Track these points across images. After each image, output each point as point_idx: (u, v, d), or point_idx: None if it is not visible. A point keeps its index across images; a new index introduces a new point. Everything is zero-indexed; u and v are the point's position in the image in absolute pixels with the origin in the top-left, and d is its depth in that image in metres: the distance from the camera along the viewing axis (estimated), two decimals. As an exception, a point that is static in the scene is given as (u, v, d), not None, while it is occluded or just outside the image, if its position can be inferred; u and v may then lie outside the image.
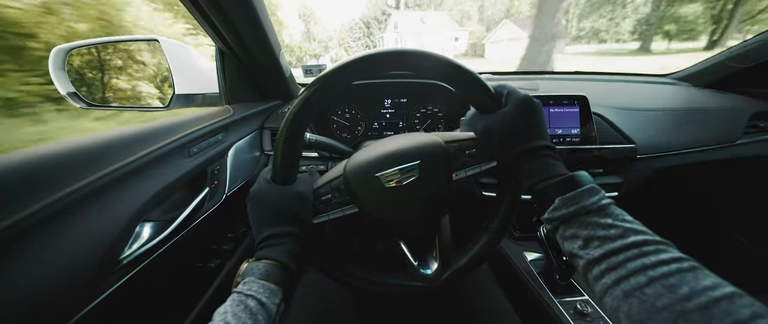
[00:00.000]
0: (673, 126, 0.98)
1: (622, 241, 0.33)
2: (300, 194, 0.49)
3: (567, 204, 0.38)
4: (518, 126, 0.44)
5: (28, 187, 0.39)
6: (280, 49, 0.93)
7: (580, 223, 0.37)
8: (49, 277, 0.39)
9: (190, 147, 0.68)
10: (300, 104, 0.46)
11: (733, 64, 1.08)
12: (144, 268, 0.56)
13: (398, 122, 1.13)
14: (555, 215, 0.39)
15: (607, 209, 0.37)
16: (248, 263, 0.43)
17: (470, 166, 0.50)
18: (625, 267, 0.32)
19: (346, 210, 0.51)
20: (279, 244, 0.45)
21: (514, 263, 0.90)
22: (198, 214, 0.71)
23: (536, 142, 0.44)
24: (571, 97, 0.89)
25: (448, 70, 0.46)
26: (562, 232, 0.40)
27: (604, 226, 0.35)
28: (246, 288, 0.39)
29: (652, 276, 0.29)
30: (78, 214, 0.44)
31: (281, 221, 0.47)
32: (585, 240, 0.36)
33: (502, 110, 0.45)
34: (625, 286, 0.31)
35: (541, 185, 0.42)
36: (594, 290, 0.35)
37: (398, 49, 0.45)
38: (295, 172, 0.51)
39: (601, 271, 0.34)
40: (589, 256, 0.35)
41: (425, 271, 0.55)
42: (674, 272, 0.29)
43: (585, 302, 0.73)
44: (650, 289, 0.29)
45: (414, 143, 0.51)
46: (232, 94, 0.97)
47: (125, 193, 0.51)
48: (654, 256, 0.31)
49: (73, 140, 0.49)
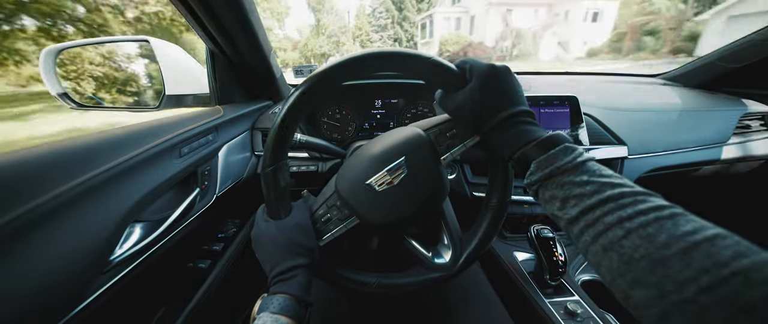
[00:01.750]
0: (663, 126, 0.98)
1: (597, 196, 0.32)
2: (298, 225, 0.49)
3: (542, 166, 0.38)
4: (488, 97, 0.43)
5: (16, 188, 0.39)
6: (270, 49, 0.93)
7: (556, 184, 0.36)
8: (37, 278, 0.39)
9: (181, 147, 0.68)
10: (276, 130, 0.45)
11: (722, 65, 1.09)
12: (134, 268, 0.56)
13: (389, 122, 1.13)
14: (532, 180, 0.39)
15: (583, 167, 0.36)
16: (263, 299, 0.44)
17: (455, 147, 0.50)
18: (601, 221, 0.31)
19: (349, 224, 0.52)
20: (291, 278, 0.45)
21: (504, 263, 0.90)
22: (188, 215, 0.71)
23: (511, 109, 0.42)
24: (562, 98, 0.90)
25: (405, 61, 0.45)
26: (541, 195, 0.39)
27: (580, 183, 0.34)
28: (261, 323, 0.39)
29: (628, 227, 0.29)
30: (67, 215, 0.44)
31: (288, 256, 0.47)
32: (562, 200, 0.35)
33: (469, 85, 0.44)
34: (603, 241, 0.30)
35: (519, 152, 0.41)
36: (578, 249, 0.35)
37: (356, 55, 0.44)
38: (288, 202, 0.51)
39: (581, 228, 0.33)
40: (567, 215, 0.35)
41: (440, 260, 0.55)
42: (651, 221, 0.28)
43: (575, 302, 0.73)
44: (627, 241, 0.28)
45: (394, 141, 0.51)
46: (223, 94, 0.97)
47: (115, 194, 0.51)
48: (631, 207, 0.30)
49: (63, 141, 0.49)
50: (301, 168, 0.97)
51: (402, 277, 0.57)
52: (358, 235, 1.04)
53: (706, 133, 1.00)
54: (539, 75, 1.42)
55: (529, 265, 0.87)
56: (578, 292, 0.77)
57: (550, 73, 1.49)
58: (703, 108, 1.05)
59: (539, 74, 1.43)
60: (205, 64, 0.94)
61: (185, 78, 0.91)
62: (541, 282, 0.80)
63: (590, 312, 0.72)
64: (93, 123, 5.99)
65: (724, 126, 1.01)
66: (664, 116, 1.00)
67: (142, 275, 0.58)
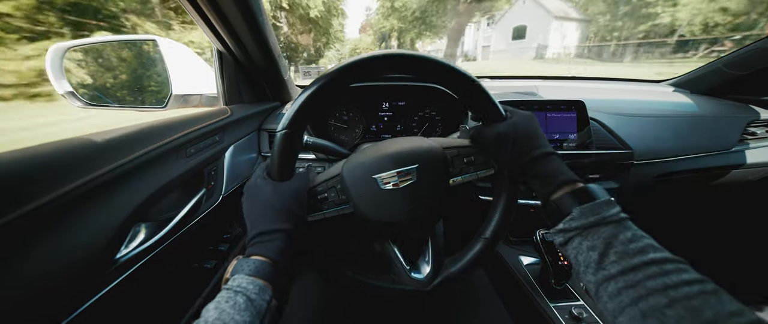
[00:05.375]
0: (669, 132, 0.98)
1: (641, 258, 0.32)
2: (295, 191, 0.48)
3: (586, 214, 0.37)
4: (528, 134, 0.46)
5: (23, 186, 0.39)
6: (278, 51, 0.93)
7: (598, 235, 0.36)
8: (43, 275, 0.39)
9: (188, 147, 0.68)
10: (305, 100, 0.45)
11: (729, 71, 1.09)
12: (139, 268, 0.56)
13: (396, 125, 1.13)
14: (572, 225, 0.38)
15: (626, 223, 0.36)
16: (238, 260, 0.43)
17: (467, 173, 0.51)
18: (644, 285, 0.30)
19: (342, 210, 0.51)
20: (270, 241, 0.44)
21: (509, 267, 0.90)
22: (194, 215, 0.71)
23: (546, 149, 0.45)
24: (569, 103, 0.90)
25: (452, 75, 0.46)
26: (577, 243, 0.38)
27: (623, 240, 0.34)
28: (235, 284, 0.38)
29: (674, 296, 0.28)
30: (74, 214, 0.44)
31: (274, 218, 0.46)
32: (602, 253, 0.35)
33: (511, 120, 0.48)
34: (643, 306, 0.29)
35: (558, 193, 0.42)
36: (606, 308, 0.34)
37: (402, 52, 0.46)
38: (293, 168, 0.50)
39: (619, 288, 0.32)
40: (605, 271, 0.34)
41: (416, 275, 0.55)
42: (697, 294, 0.28)
43: (580, 307, 0.73)
44: (671, 311, 0.27)
45: (413, 147, 0.51)
46: (230, 95, 0.97)
47: (121, 193, 0.51)
48: (675, 275, 0.29)
49: (70, 139, 0.49)
50: (308, 165, 0.97)
51: (379, 279, 0.56)
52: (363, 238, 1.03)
53: (712, 139, 0.99)
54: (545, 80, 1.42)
55: (534, 269, 0.87)
56: (583, 298, 0.77)
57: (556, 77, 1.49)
58: (710, 114, 1.05)
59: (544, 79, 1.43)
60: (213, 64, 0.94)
61: (192, 77, 0.91)
62: (545, 286, 0.80)
63: (595, 317, 0.72)
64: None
65: (730, 132, 1.01)
66: (670, 122, 1.00)
67: (148, 275, 0.58)
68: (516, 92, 1.08)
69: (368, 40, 31.82)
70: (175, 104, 0.87)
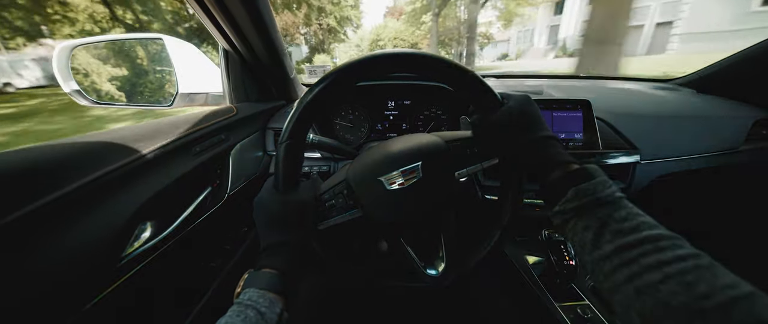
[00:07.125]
0: (675, 132, 0.97)
1: (635, 235, 0.32)
2: (301, 202, 0.49)
3: (581, 195, 0.37)
4: (525, 118, 0.46)
5: (29, 184, 0.39)
6: (284, 49, 0.93)
7: (593, 215, 0.36)
8: (48, 274, 0.39)
9: (194, 146, 0.68)
10: (300, 109, 0.46)
11: (736, 71, 1.08)
12: (145, 266, 0.56)
13: (401, 124, 1.13)
14: (568, 207, 0.38)
15: (621, 202, 0.36)
16: (249, 273, 0.43)
17: (472, 165, 0.51)
18: (638, 263, 0.30)
19: (351, 215, 0.51)
20: (279, 253, 0.45)
21: (514, 265, 0.90)
22: (200, 214, 0.71)
23: (544, 132, 0.45)
24: (575, 102, 0.89)
25: (450, 71, 0.46)
26: (573, 224, 0.38)
27: (618, 219, 0.34)
28: (246, 298, 0.38)
29: (667, 272, 0.28)
30: (79, 212, 0.44)
31: (282, 230, 0.47)
32: (596, 233, 0.35)
33: (508, 105, 0.47)
34: (638, 283, 0.29)
35: (554, 175, 0.42)
36: (603, 287, 0.34)
37: (399, 51, 0.45)
38: (297, 178, 0.51)
39: (614, 267, 0.32)
40: (600, 251, 0.34)
41: (431, 272, 0.55)
42: (691, 269, 0.27)
43: (585, 307, 0.73)
44: (665, 287, 0.27)
45: (415, 144, 0.51)
46: (236, 93, 0.97)
47: (127, 191, 0.51)
48: (670, 251, 0.29)
49: (76, 138, 0.49)
50: (314, 168, 0.97)
51: (394, 279, 0.57)
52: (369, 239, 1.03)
53: (718, 139, 0.99)
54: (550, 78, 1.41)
55: (540, 268, 0.87)
56: (588, 297, 0.77)
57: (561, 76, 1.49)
58: (716, 114, 1.04)
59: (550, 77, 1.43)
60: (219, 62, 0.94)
61: (198, 76, 0.91)
62: (551, 285, 0.80)
63: (600, 317, 0.72)
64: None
65: (736, 132, 1.00)
66: (677, 122, 0.99)
67: (153, 273, 0.58)
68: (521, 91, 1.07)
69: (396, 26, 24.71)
70: (182, 103, 0.87)
